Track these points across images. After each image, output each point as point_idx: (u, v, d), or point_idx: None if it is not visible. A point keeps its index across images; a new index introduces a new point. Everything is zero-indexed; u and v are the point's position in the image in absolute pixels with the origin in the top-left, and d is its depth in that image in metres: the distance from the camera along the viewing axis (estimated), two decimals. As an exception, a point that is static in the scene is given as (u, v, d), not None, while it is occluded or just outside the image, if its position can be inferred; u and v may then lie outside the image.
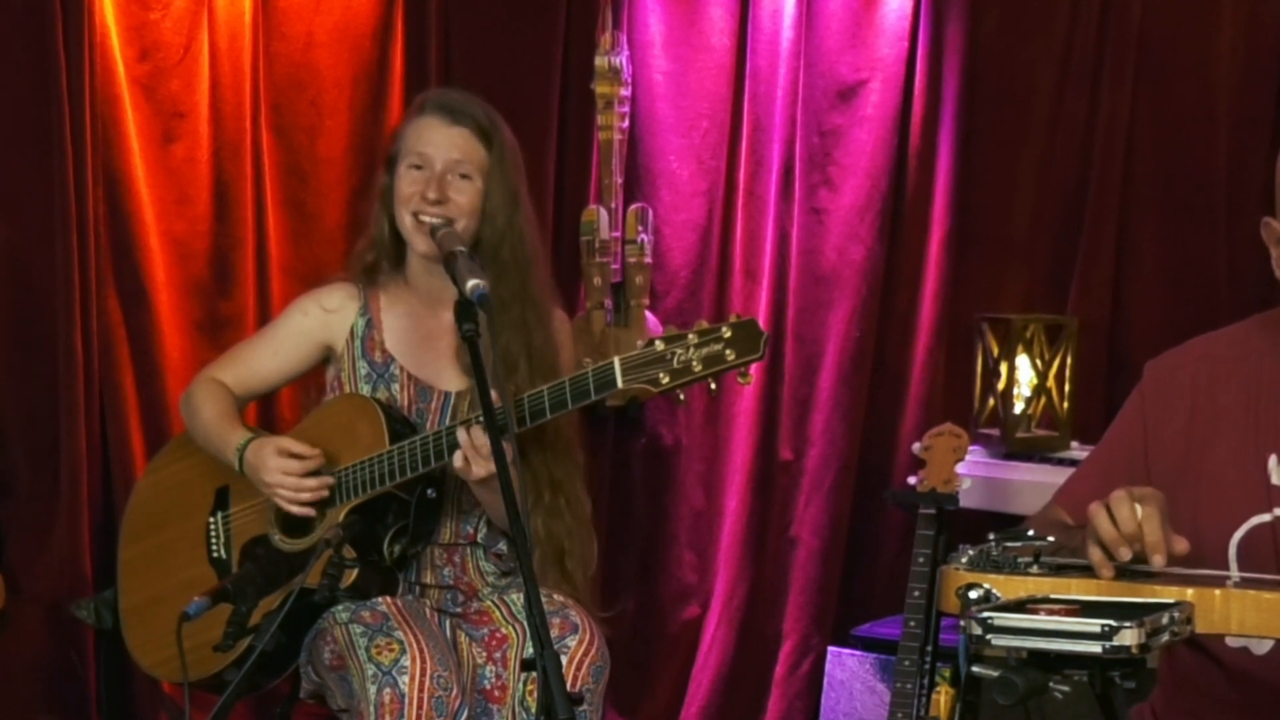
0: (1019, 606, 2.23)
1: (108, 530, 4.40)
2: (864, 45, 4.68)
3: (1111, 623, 2.09)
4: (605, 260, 4.72)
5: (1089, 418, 4.37)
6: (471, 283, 2.99)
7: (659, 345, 3.11)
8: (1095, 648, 2.10)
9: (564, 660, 3.28)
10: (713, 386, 3.16)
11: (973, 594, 2.31)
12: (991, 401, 4.39)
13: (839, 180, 4.72)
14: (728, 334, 3.09)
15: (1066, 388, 4.38)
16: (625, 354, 3.15)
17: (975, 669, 2.25)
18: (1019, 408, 4.36)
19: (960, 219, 4.66)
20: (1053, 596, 2.31)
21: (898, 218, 4.72)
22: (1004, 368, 4.34)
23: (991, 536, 2.46)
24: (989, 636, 2.17)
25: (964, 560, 2.44)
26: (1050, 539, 2.47)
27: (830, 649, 4.40)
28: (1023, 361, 4.36)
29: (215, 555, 3.61)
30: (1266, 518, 2.64)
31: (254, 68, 4.64)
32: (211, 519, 3.63)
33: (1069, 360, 4.38)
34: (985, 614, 2.18)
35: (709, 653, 4.86)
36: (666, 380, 3.11)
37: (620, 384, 3.14)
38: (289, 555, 3.46)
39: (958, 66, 4.63)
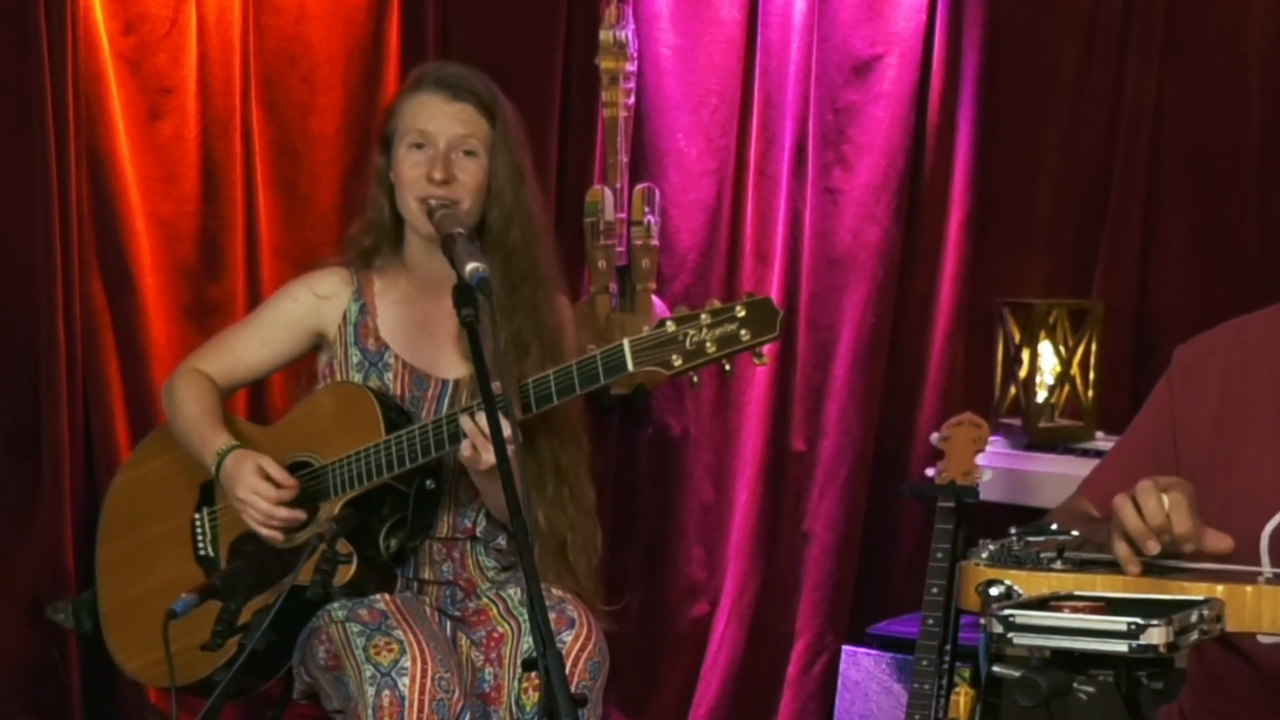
0: (1042, 604, 2.21)
1: (90, 524, 4.40)
2: (880, 18, 4.65)
3: (1138, 621, 2.07)
4: (610, 243, 4.70)
5: (1115, 406, 4.34)
6: (471, 266, 2.94)
7: (670, 326, 3.07)
8: (1121, 647, 2.08)
9: (559, 656, 3.22)
10: (726, 368, 3.12)
11: (993, 591, 2.31)
12: (1013, 390, 4.37)
13: (854, 159, 4.69)
14: (742, 313, 3.04)
15: (1091, 375, 4.35)
16: (635, 336, 3.10)
17: (996, 669, 2.24)
18: (1042, 396, 4.33)
19: (980, 199, 4.62)
20: (1077, 593, 2.29)
21: (915, 198, 4.69)
22: (1026, 355, 4.32)
23: (1013, 531, 2.44)
24: (1010, 635, 2.15)
25: (984, 555, 2.42)
26: (1074, 533, 2.45)
27: (845, 648, 4.38)
28: (1045, 348, 4.33)
29: (202, 553, 3.54)
30: (1300, 509, 2.62)
31: (244, 42, 4.68)
32: (197, 515, 3.57)
33: (1094, 346, 4.36)
34: (1006, 611, 2.15)
35: (718, 652, 4.85)
36: (679, 363, 3.06)
37: (631, 367, 3.09)
38: (281, 551, 3.40)
39: (978, 40, 4.58)
